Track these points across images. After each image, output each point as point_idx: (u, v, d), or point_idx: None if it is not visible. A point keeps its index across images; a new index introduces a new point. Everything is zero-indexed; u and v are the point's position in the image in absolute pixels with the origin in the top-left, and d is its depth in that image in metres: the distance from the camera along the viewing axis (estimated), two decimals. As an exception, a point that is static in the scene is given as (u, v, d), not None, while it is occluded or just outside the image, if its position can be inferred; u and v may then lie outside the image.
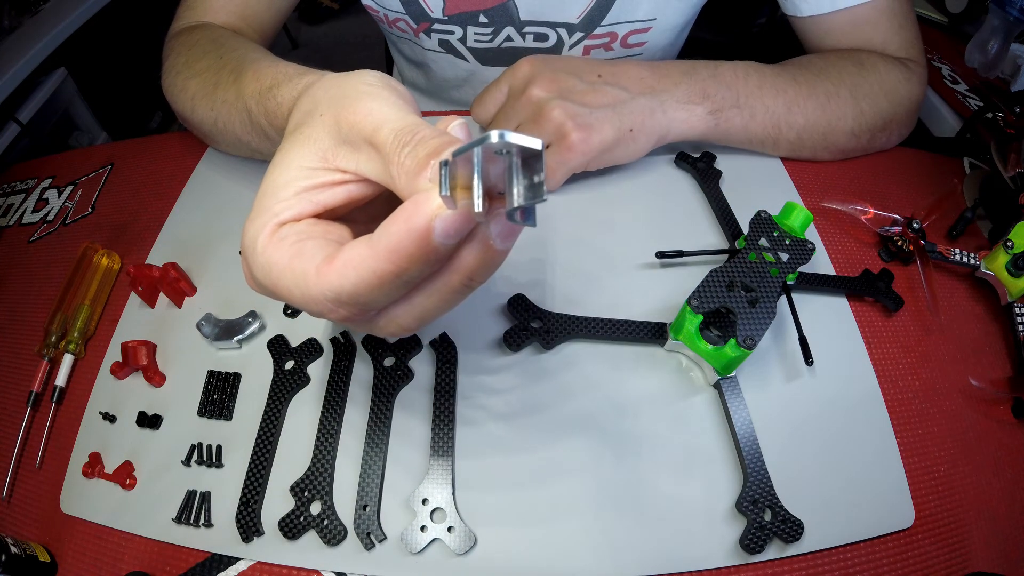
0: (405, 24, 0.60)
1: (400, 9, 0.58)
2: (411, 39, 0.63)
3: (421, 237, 0.21)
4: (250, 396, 0.39)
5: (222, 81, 0.42)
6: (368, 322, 0.26)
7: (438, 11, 0.57)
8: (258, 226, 0.25)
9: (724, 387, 0.37)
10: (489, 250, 0.23)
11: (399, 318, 0.25)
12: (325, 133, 0.25)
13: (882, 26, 0.52)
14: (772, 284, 0.37)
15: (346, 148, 0.25)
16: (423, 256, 0.21)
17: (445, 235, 0.21)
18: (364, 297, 0.22)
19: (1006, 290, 0.42)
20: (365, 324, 0.26)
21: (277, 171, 0.26)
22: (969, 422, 0.39)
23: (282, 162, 0.26)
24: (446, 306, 0.25)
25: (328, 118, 0.26)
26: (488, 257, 0.23)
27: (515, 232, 0.23)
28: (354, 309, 0.23)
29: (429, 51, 0.63)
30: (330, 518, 0.34)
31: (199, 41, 0.48)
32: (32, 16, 1.01)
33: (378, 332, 0.26)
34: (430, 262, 0.22)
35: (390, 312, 0.25)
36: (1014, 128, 0.48)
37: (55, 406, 0.40)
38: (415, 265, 0.21)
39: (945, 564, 0.34)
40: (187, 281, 0.44)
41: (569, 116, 0.43)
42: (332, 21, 2.32)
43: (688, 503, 0.34)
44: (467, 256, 0.23)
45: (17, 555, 0.32)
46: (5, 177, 0.60)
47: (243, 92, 0.39)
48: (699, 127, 0.47)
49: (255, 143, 0.41)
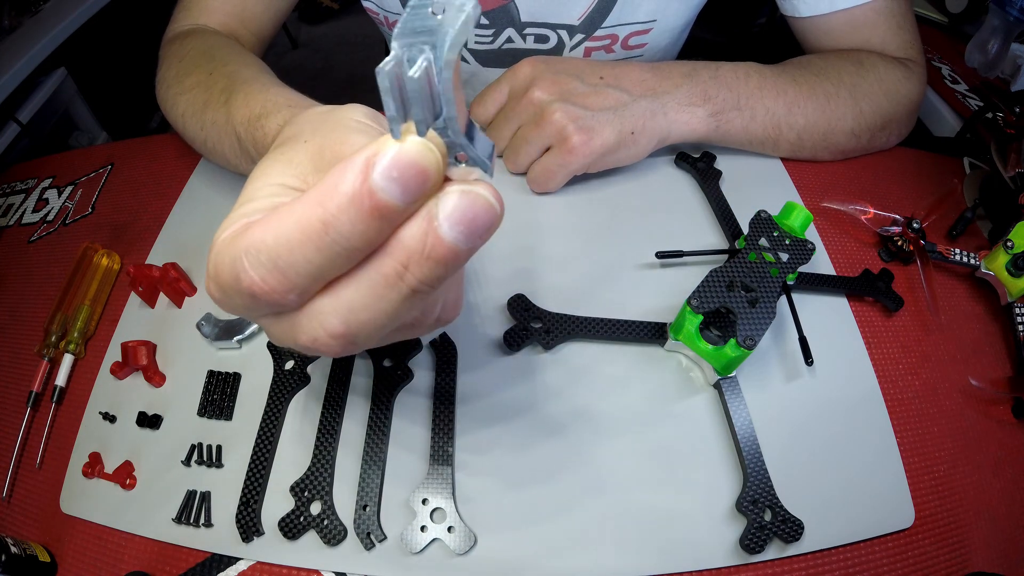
0: None
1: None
2: None
3: (356, 176, 0.17)
4: (250, 396, 0.39)
5: (211, 101, 0.42)
6: (287, 319, 0.21)
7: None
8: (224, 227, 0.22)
9: (724, 387, 0.37)
10: (432, 232, 0.18)
11: (323, 316, 0.20)
12: (307, 159, 0.24)
13: (881, 27, 0.52)
14: (772, 284, 0.37)
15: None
16: (355, 203, 0.17)
17: (386, 174, 0.17)
18: (284, 256, 0.18)
19: (1006, 290, 0.42)
20: (284, 321, 0.21)
21: (254, 185, 0.24)
22: (969, 422, 0.39)
23: (260, 176, 0.24)
24: (376, 304, 0.19)
25: (312, 145, 0.24)
26: (431, 243, 0.18)
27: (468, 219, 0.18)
28: (272, 276, 0.19)
29: None
30: (330, 518, 0.34)
31: (189, 53, 0.48)
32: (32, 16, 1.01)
33: (300, 338, 0.21)
34: (362, 218, 0.17)
35: (313, 306, 0.20)
36: (1014, 128, 0.48)
37: (55, 406, 0.40)
38: (344, 214, 0.17)
39: (945, 564, 0.34)
40: (187, 281, 0.44)
41: (570, 119, 0.43)
42: (332, 21, 2.32)
43: (688, 503, 0.34)
44: (404, 234, 0.18)
45: (17, 555, 0.32)
46: (5, 177, 0.60)
47: (232, 117, 0.38)
48: (700, 129, 0.47)
49: (243, 167, 0.41)
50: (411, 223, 0.18)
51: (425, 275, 0.19)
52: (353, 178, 0.17)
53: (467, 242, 0.18)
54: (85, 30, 1.04)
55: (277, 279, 0.19)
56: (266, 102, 0.35)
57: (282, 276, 0.19)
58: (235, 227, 0.21)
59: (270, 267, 0.19)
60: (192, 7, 0.53)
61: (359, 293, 0.19)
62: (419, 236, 0.18)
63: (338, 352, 0.21)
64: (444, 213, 0.18)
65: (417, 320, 0.23)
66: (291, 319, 0.21)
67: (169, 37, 0.53)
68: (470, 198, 0.18)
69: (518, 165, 0.48)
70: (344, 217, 0.17)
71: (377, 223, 0.18)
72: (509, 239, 0.46)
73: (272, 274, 0.19)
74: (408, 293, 0.19)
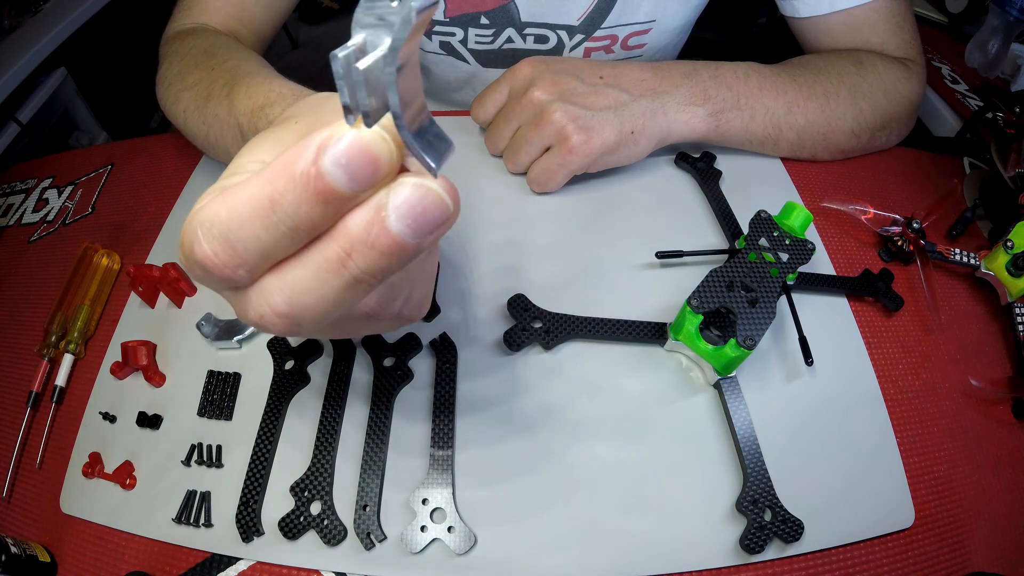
0: None
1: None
2: None
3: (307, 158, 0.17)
4: (250, 396, 0.39)
5: (214, 95, 0.42)
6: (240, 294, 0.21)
7: (439, 13, 0.57)
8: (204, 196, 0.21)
9: (724, 387, 0.37)
10: (378, 222, 0.18)
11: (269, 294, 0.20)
12: (295, 139, 0.23)
13: (880, 27, 0.52)
14: (772, 284, 0.37)
15: None
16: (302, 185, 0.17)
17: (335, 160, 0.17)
18: (234, 231, 0.18)
19: (1006, 290, 0.42)
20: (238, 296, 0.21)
21: (240, 160, 0.24)
22: (969, 422, 0.39)
23: (247, 152, 0.24)
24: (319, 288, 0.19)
25: (301, 127, 0.24)
26: (376, 233, 0.18)
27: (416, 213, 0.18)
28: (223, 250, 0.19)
29: (429, 53, 0.63)
30: (330, 518, 0.34)
31: (191, 51, 0.48)
32: (32, 16, 1.01)
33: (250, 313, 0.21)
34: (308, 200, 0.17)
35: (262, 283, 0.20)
36: (1014, 128, 0.48)
37: (55, 406, 0.40)
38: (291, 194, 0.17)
39: (945, 564, 0.34)
40: (187, 281, 0.44)
41: (570, 119, 0.43)
42: (332, 21, 2.32)
43: (688, 503, 0.34)
44: (350, 221, 0.18)
45: (17, 555, 0.32)
46: (5, 177, 0.60)
47: (235, 108, 0.38)
48: (700, 128, 0.47)
49: None
50: (359, 210, 0.18)
51: (368, 265, 0.19)
52: (304, 160, 0.17)
53: (414, 236, 0.18)
54: (85, 30, 1.04)
55: (227, 253, 0.19)
56: (269, 92, 0.35)
57: (232, 250, 0.19)
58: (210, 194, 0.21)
59: (221, 240, 0.19)
60: (192, 6, 0.53)
61: (303, 275, 0.19)
62: (364, 224, 0.18)
63: (284, 331, 0.21)
64: (393, 204, 0.18)
65: (373, 312, 0.23)
66: (243, 294, 0.21)
67: (169, 36, 0.52)
68: (421, 192, 0.18)
69: (518, 165, 0.48)
70: (291, 197, 0.17)
71: (322, 207, 0.18)
72: (509, 239, 0.46)
73: (223, 247, 0.19)
74: (351, 281, 0.19)
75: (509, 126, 0.47)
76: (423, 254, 0.20)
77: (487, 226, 0.47)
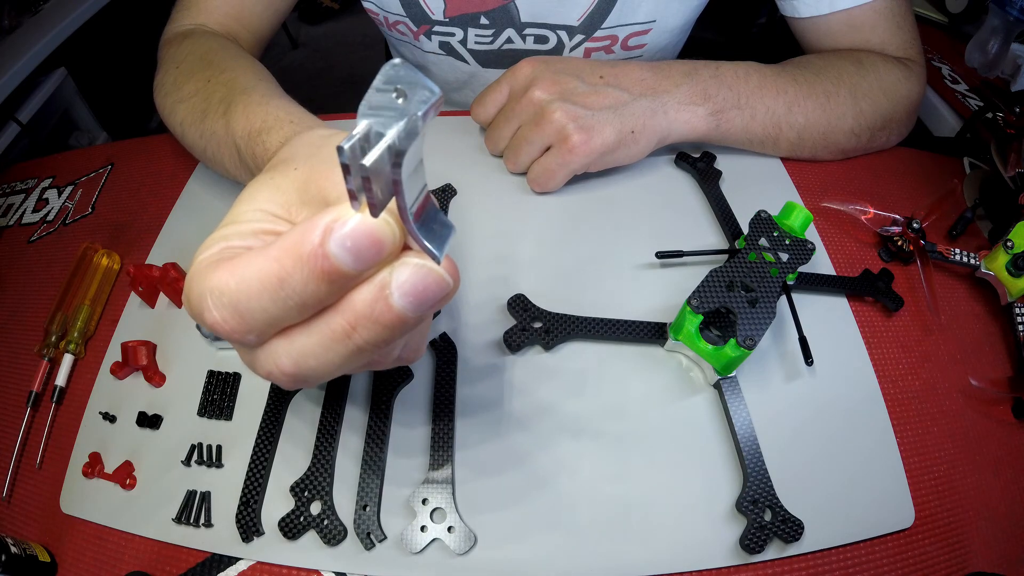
0: (405, 27, 0.60)
1: (400, 11, 0.58)
2: (411, 42, 0.63)
3: (314, 240, 0.18)
4: (250, 396, 0.39)
5: (210, 111, 0.41)
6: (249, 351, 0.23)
7: (439, 13, 0.57)
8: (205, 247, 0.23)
9: (724, 387, 0.37)
10: (382, 299, 0.19)
11: (277, 355, 0.22)
12: (293, 188, 0.25)
13: (880, 27, 0.52)
14: (772, 284, 0.37)
15: (308, 209, 0.24)
16: (310, 265, 0.18)
17: (340, 243, 0.18)
18: (243, 303, 0.20)
19: (1006, 290, 0.42)
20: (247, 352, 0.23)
21: (240, 208, 0.25)
22: (969, 422, 0.39)
23: (247, 200, 0.25)
24: (325, 355, 0.21)
25: (300, 174, 0.25)
26: (380, 309, 0.20)
27: (418, 291, 0.19)
28: (232, 319, 0.20)
29: (429, 53, 0.63)
30: (330, 518, 0.34)
31: (187, 57, 0.47)
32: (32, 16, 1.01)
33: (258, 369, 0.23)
34: (315, 279, 0.19)
35: (270, 346, 0.22)
36: (1014, 128, 0.48)
37: (55, 406, 0.40)
38: (299, 272, 0.19)
39: (945, 564, 0.34)
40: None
41: (570, 118, 0.43)
42: (332, 21, 2.32)
43: (688, 503, 0.34)
44: (356, 297, 0.20)
45: (17, 555, 0.32)
46: (5, 177, 0.60)
47: (232, 129, 0.38)
48: (700, 128, 0.47)
49: (242, 178, 0.41)
50: (364, 287, 0.20)
51: (372, 337, 0.20)
52: (311, 241, 0.18)
53: (415, 311, 0.20)
54: (85, 30, 1.04)
55: (236, 321, 0.20)
56: (267, 116, 0.35)
57: (241, 319, 0.20)
58: (212, 251, 0.22)
59: (231, 310, 0.20)
60: (191, 7, 0.53)
61: (310, 342, 0.21)
62: (369, 301, 0.20)
63: (290, 386, 0.23)
64: (396, 283, 0.19)
65: (373, 362, 0.25)
66: (252, 352, 0.23)
67: (167, 38, 0.52)
68: (423, 272, 0.20)
69: (518, 165, 0.48)
70: (298, 276, 0.19)
71: (328, 285, 0.19)
72: (509, 239, 0.46)
73: (232, 316, 0.20)
74: (355, 349, 0.21)
75: (509, 126, 0.47)
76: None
77: (487, 226, 0.47)
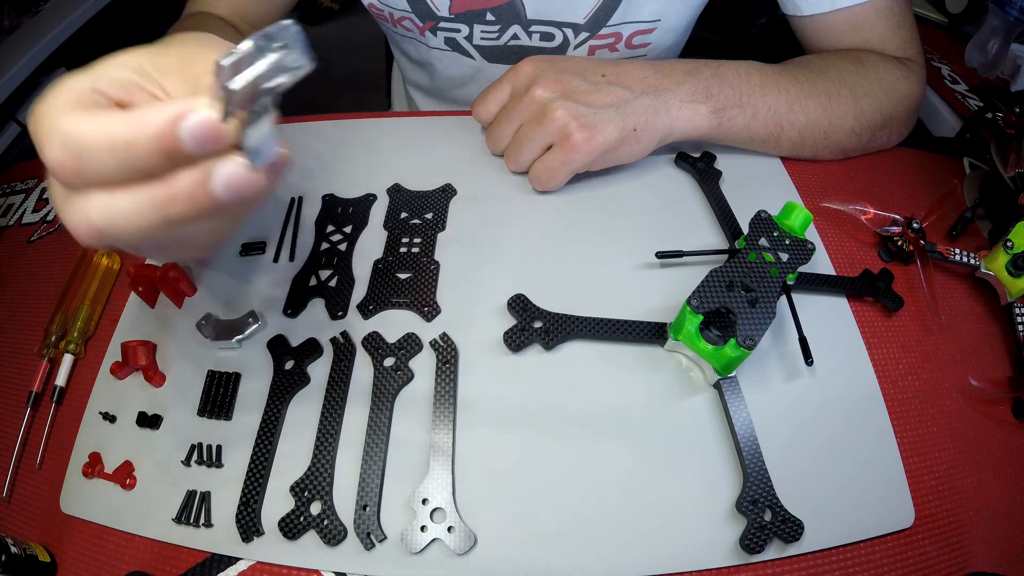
0: (411, 22, 0.60)
1: (406, 7, 0.58)
2: (416, 38, 0.63)
3: (168, 120, 0.21)
4: (250, 396, 0.39)
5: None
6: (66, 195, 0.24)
7: (444, 9, 0.57)
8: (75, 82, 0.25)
9: (724, 387, 0.37)
10: (204, 183, 0.22)
11: (91, 207, 0.24)
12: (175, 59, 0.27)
13: (880, 26, 0.52)
14: (772, 284, 0.37)
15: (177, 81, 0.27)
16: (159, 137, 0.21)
17: (191, 129, 0.21)
18: (86, 153, 0.22)
19: (1006, 290, 0.42)
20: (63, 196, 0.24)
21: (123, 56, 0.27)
22: (969, 422, 0.39)
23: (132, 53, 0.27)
24: (135, 217, 0.23)
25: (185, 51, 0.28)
26: (199, 190, 0.22)
27: (233, 183, 0.23)
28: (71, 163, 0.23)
29: (434, 49, 0.64)
30: (330, 518, 0.34)
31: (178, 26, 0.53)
32: (32, 16, 1.01)
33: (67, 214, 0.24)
34: (158, 151, 0.22)
35: (89, 197, 0.24)
36: (1014, 128, 0.48)
37: (55, 406, 0.40)
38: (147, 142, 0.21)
39: (945, 564, 0.34)
40: (187, 281, 0.44)
41: (573, 116, 0.43)
42: (332, 21, 2.32)
43: (688, 503, 0.34)
44: (183, 175, 0.23)
45: (17, 555, 0.32)
46: (5, 177, 0.60)
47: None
48: (702, 126, 0.47)
49: None
50: (192, 169, 0.23)
51: (183, 212, 0.23)
52: (164, 120, 0.21)
53: (227, 198, 0.23)
54: (85, 30, 1.04)
55: (74, 166, 0.23)
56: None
57: (79, 166, 0.23)
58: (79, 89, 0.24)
59: (73, 155, 0.22)
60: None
61: (127, 202, 0.23)
62: (192, 181, 0.23)
63: (87, 241, 0.25)
64: (219, 172, 0.22)
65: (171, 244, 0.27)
66: (69, 196, 0.24)
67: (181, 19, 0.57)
68: (242, 170, 0.23)
69: (519, 164, 0.48)
70: (145, 144, 0.22)
71: (166, 160, 0.22)
72: (509, 239, 0.46)
73: (72, 161, 0.23)
74: (163, 220, 0.23)
75: (511, 124, 0.47)
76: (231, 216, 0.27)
77: (487, 226, 0.47)
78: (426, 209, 0.48)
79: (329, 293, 0.43)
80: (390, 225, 0.47)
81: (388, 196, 0.49)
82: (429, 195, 0.49)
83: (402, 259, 0.45)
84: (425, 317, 0.42)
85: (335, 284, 0.44)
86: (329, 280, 0.44)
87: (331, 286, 0.44)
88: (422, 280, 0.43)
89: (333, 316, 0.42)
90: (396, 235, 0.46)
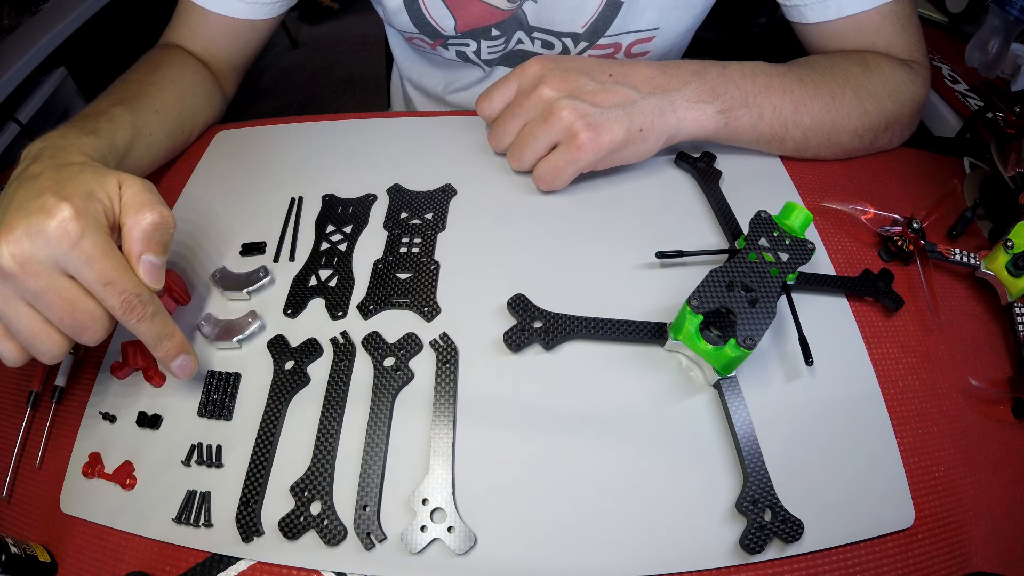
0: (421, 41, 0.62)
1: (414, 30, 0.59)
2: (429, 51, 0.65)
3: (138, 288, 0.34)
4: (250, 396, 0.39)
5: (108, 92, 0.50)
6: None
7: (450, 29, 0.58)
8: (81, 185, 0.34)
9: (724, 387, 0.37)
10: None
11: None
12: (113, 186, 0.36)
13: (885, 30, 0.52)
14: (772, 284, 0.37)
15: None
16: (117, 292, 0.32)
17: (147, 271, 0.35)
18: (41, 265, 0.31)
19: (1006, 290, 0.42)
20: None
21: (108, 182, 0.35)
22: (969, 422, 0.39)
23: (88, 176, 0.35)
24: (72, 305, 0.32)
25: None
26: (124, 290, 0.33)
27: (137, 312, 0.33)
28: (18, 267, 0.31)
29: (447, 60, 0.66)
30: (330, 518, 0.34)
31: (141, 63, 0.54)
32: (32, 16, 1.01)
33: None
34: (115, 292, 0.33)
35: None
36: (1014, 128, 0.48)
37: (55, 406, 0.40)
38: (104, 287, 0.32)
39: (945, 564, 0.34)
40: (187, 282, 0.44)
41: (579, 115, 0.43)
42: (332, 21, 2.32)
43: (688, 503, 0.34)
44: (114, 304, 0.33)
45: (17, 555, 0.32)
46: (5, 177, 0.60)
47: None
48: (709, 126, 0.47)
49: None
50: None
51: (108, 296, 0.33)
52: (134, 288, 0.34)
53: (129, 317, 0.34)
54: (85, 30, 1.04)
55: (19, 268, 0.31)
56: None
57: (23, 269, 0.31)
58: (83, 195, 0.33)
59: (29, 262, 0.31)
60: (176, 28, 0.57)
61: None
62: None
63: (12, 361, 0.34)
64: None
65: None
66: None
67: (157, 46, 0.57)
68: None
69: (523, 162, 0.47)
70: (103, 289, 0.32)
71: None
72: (509, 239, 0.46)
73: (20, 266, 0.31)
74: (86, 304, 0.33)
75: (516, 122, 0.47)
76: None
77: (487, 226, 0.47)
78: (426, 209, 0.48)
79: (329, 293, 0.43)
80: (390, 225, 0.47)
81: (388, 196, 0.49)
82: (429, 195, 0.49)
83: (402, 259, 0.45)
84: (425, 317, 0.42)
85: (335, 284, 0.44)
86: (329, 280, 0.44)
87: (331, 286, 0.44)
88: (422, 280, 0.43)
89: (333, 316, 0.42)
90: (396, 235, 0.46)
